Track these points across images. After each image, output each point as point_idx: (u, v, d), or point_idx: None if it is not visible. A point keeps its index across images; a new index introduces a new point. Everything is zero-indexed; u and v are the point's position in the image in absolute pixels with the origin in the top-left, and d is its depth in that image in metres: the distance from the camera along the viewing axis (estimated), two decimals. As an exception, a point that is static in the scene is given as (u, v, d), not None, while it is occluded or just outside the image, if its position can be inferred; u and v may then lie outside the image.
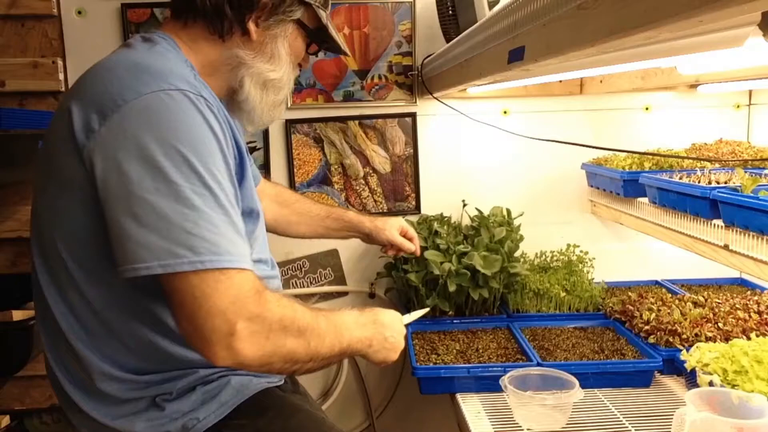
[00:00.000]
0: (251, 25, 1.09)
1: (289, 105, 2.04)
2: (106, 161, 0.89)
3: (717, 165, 1.70)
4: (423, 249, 1.82)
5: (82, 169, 0.92)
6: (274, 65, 1.13)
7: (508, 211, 2.01)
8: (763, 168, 1.60)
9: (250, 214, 1.10)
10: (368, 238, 1.65)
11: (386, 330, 1.13)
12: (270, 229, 1.58)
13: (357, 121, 2.11)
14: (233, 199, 0.96)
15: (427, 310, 1.44)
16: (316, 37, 1.20)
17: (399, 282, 1.92)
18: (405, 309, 1.92)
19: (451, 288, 1.77)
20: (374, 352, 1.12)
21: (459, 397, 1.50)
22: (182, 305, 0.88)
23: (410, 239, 1.66)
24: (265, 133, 2.09)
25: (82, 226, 0.96)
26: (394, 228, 1.63)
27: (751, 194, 1.24)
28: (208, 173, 0.90)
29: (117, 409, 1.02)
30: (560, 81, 2.00)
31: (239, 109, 1.16)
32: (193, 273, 0.86)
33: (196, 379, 1.04)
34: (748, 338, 1.45)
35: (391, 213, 2.13)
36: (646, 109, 2.17)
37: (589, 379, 1.48)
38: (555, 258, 2.03)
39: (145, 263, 0.86)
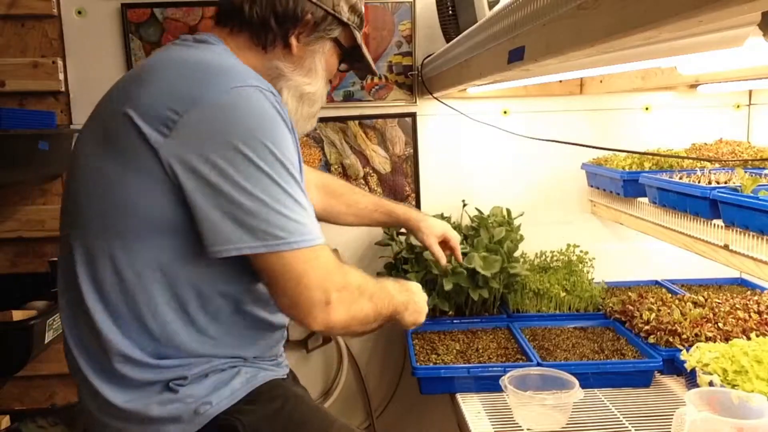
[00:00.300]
0: (293, 40, 1.16)
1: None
2: (191, 157, 0.95)
3: (717, 165, 1.70)
4: (423, 249, 1.82)
5: (157, 164, 0.96)
6: (310, 79, 1.20)
7: (508, 211, 2.01)
8: (763, 168, 1.60)
9: None
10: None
11: (416, 296, 1.29)
12: (320, 219, 1.61)
13: (357, 121, 2.11)
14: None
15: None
16: (350, 55, 1.29)
17: (399, 282, 1.92)
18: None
19: (447, 287, 1.76)
20: (409, 314, 1.26)
21: (459, 397, 1.50)
22: (281, 281, 0.99)
23: (451, 248, 1.64)
24: (265, 133, 2.09)
25: (143, 213, 0.99)
26: (434, 235, 1.61)
27: (751, 194, 1.24)
28: (288, 161, 0.99)
29: (132, 392, 1.05)
30: (560, 81, 2.00)
31: None
32: (290, 252, 0.97)
33: (210, 367, 1.07)
34: (748, 338, 1.45)
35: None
36: (646, 109, 2.17)
37: (589, 379, 1.48)
38: (555, 258, 2.03)
39: (247, 243, 0.96)
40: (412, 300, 1.28)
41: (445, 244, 1.63)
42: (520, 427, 1.34)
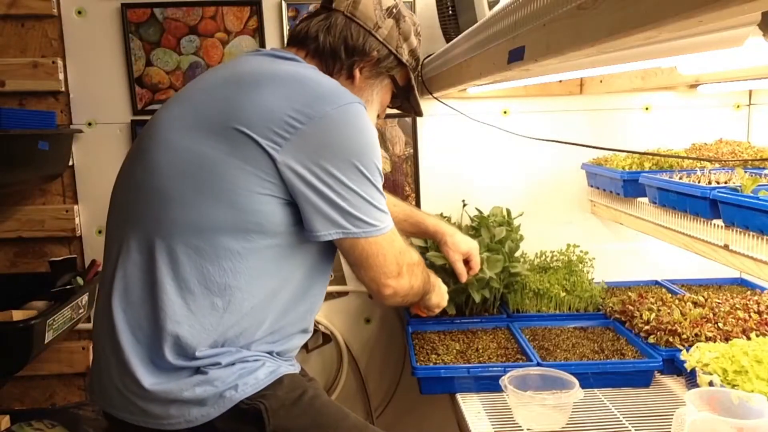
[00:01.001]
0: (357, 72, 1.30)
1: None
2: (307, 162, 1.08)
3: (717, 165, 1.70)
4: (424, 249, 1.82)
5: (270, 167, 1.06)
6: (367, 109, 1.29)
7: (508, 211, 2.01)
8: (763, 168, 1.60)
9: None
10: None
11: (440, 282, 1.50)
12: None
13: (357, 121, 2.11)
14: None
15: None
16: (403, 94, 1.43)
17: (399, 282, 1.91)
18: (405, 307, 1.92)
19: (477, 298, 1.78)
20: (435, 295, 1.46)
21: (459, 397, 1.50)
22: (371, 258, 1.16)
23: (470, 267, 1.66)
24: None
25: (242, 208, 1.08)
26: (458, 252, 1.63)
27: (751, 194, 1.24)
28: (380, 165, 1.17)
29: (164, 375, 1.09)
30: (560, 81, 2.00)
31: None
32: (381, 236, 1.16)
33: (239, 357, 1.13)
34: (748, 338, 1.46)
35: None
36: (646, 109, 2.17)
37: (589, 379, 1.48)
38: (555, 258, 2.03)
39: (350, 230, 1.13)
40: (439, 284, 1.48)
41: (465, 261, 1.65)
42: (520, 427, 1.34)
